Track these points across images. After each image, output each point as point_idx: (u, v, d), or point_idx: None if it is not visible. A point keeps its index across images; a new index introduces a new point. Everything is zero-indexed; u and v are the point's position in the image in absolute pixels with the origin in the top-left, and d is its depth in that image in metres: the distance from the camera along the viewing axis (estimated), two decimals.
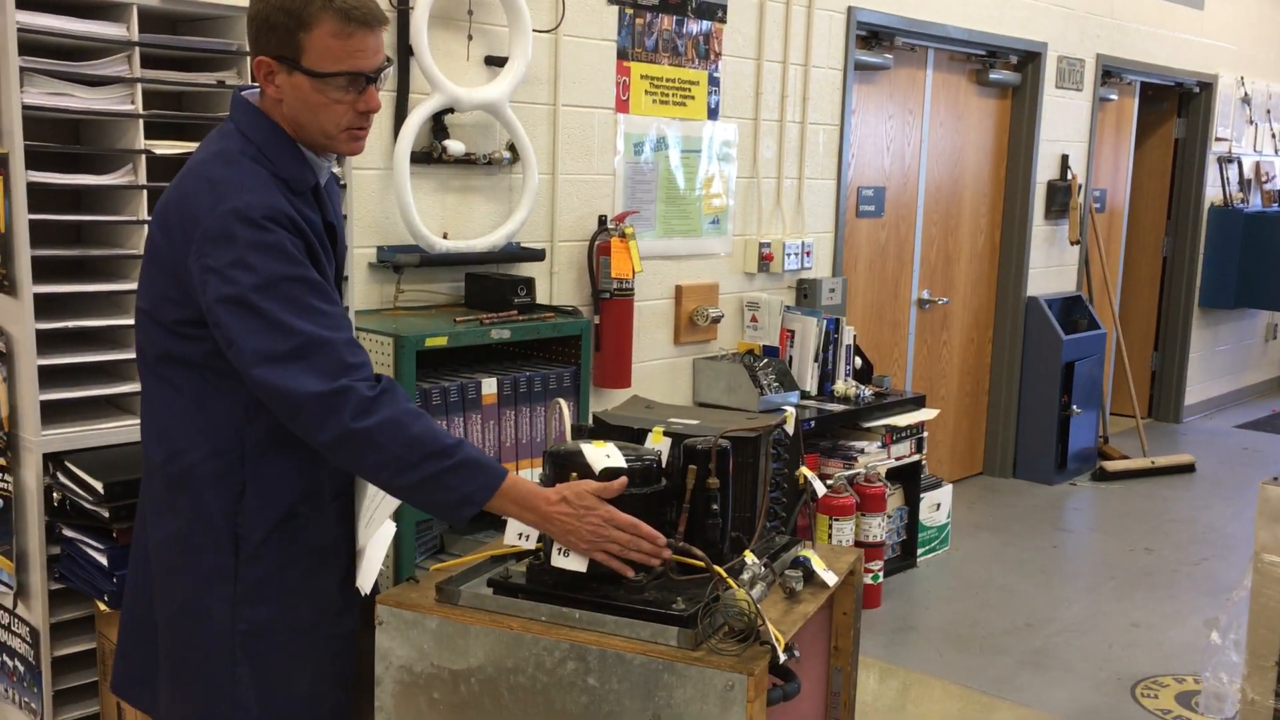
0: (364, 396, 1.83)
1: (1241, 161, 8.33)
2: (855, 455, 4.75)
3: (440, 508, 1.91)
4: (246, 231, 1.83)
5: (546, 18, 4.01)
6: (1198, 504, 6.23)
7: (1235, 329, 8.70)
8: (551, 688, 1.92)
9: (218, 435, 1.97)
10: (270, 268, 1.83)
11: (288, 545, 2.01)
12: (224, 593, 2.00)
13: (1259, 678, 2.72)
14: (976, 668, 4.12)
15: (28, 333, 2.62)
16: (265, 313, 1.82)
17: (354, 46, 1.90)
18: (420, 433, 1.86)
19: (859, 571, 2.41)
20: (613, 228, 4.17)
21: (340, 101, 1.93)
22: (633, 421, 2.26)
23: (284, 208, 1.89)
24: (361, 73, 1.92)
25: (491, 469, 1.91)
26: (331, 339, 1.85)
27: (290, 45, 1.89)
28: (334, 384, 1.82)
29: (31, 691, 2.79)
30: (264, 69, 1.93)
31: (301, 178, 1.97)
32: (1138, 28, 7.10)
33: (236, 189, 1.87)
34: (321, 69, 1.90)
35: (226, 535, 1.99)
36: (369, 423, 1.82)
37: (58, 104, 2.62)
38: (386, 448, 1.84)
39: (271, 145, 1.95)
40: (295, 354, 1.82)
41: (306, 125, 1.96)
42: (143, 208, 2.76)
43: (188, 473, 1.99)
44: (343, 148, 2.01)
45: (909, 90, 5.80)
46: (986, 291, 6.52)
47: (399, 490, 1.91)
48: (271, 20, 1.90)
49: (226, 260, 1.83)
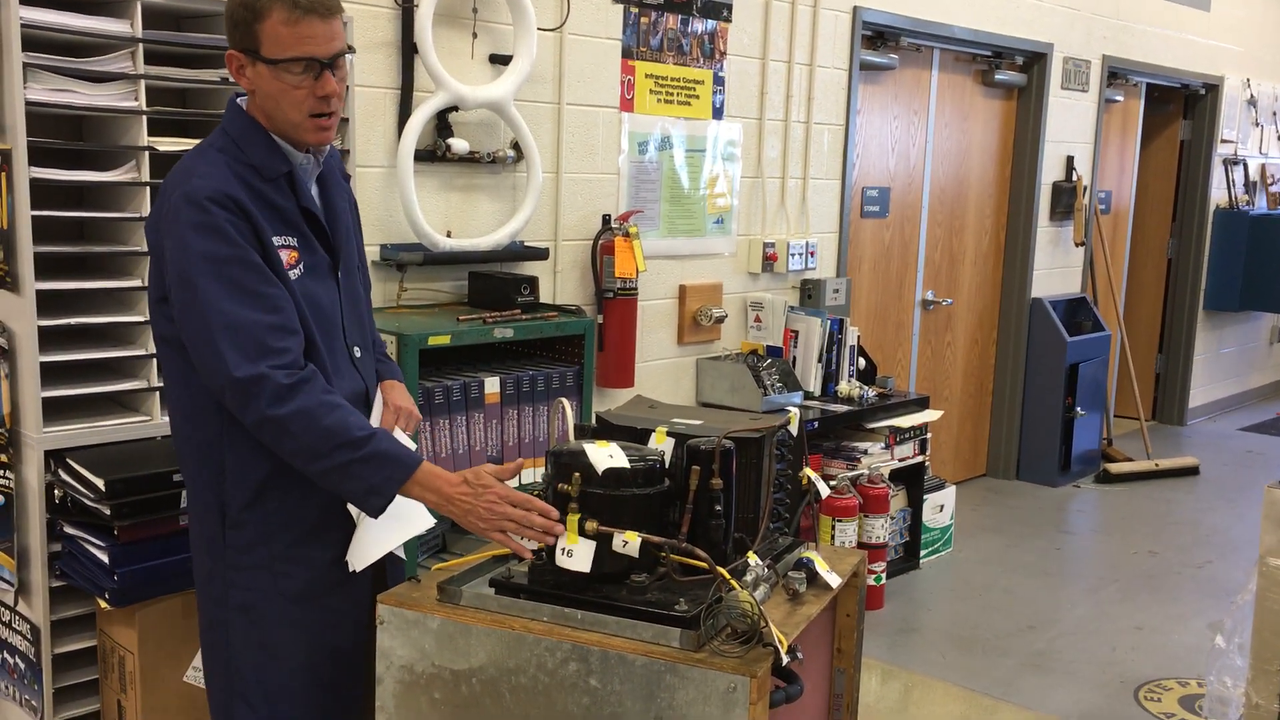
0: (279, 384, 1.93)
1: (1247, 164, 8.31)
2: (858, 456, 4.74)
3: (350, 496, 2.02)
4: (189, 213, 1.96)
5: (551, 16, 4.00)
6: (1202, 507, 6.22)
7: (1240, 331, 8.69)
8: (553, 688, 1.92)
9: (199, 412, 2.09)
10: (205, 246, 1.95)
11: (270, 516, 2.11)
12: (218, 559, 2.12)
13: (1263, 682, 2.71)
14: (979, 670, 4.11)
15: (30, 329, 2.61)
16: (199, 291, 1.95)
17: (304, 33, 1.99)
18: (333, 424, 1.95)
19: (862, 573, 2.40)
20: (616, 227, 4.16)
21: (298, 87, 2.02)
22: (636, 421, 2.25)
23: (230, 190, 1.99)
24: (314, 58, 2.01)
25: (402, 460, 1.99)
26: (255, 321, 1.95)
27: (250, 37, 2.01)
28: (252, 370, 1.92)
29: (32, 689, 2.78)
30: (235, 63, 2.05)
31: (271, 165, 2.07)
32: (1143, 29, 7.08)
33: (190, 174, 2.00)
34: (275, 55, 2.00)
35: (214, 505, 2.11)
36: (283, 411, 1.93)
37: (61, 100, 2.62)
38: (299, 437, 1.95)
39: (245, 136, 2.07)
40: (220, 334, 1.93)
41: (273, 114, 2.05)
42: (145, 204, 2.76)
43: (182, 445, 2.14)
44: (309, 136, 2.08)
45: (914, 91, 5.79)
46: (991, 293, 6.51)
47: (313, 476, 2.00)
48: (235, 16, 2.02)
49: (173, 241, 1.97)
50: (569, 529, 1.98)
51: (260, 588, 2.11)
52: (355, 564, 2.13)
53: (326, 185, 2.20)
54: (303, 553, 2.12)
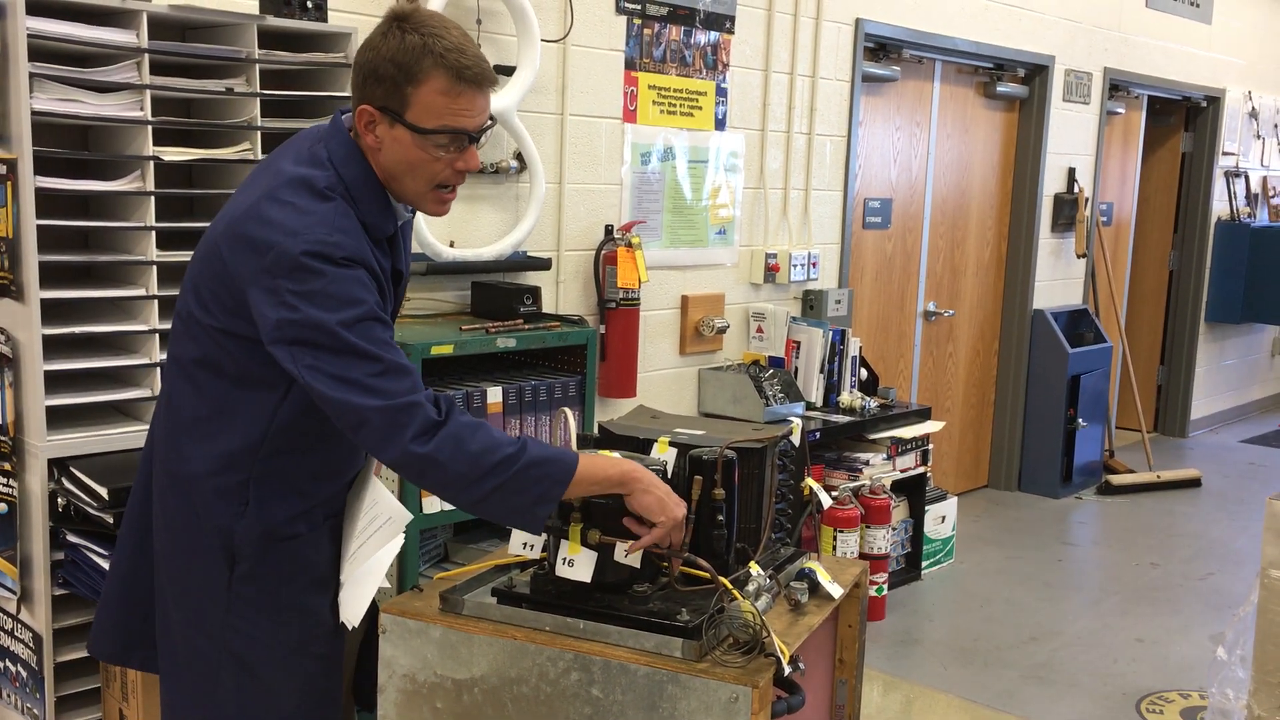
0: (429, 418, 1.83)
1: (1249, 176, 8.32)
2: (860, 467, 4.74)
3: (516, 514, 1.90)
4: (333, 269, 1.82)
5: (555, 27, 4.02)
6: (1204, 519, 6.21)
7: (1242, 343, 8.69)
8: (555, 698, 1.92)
9: (232, 453, 1.97)
10: (355, 299, 1.82)
11: (283, 563, 2.01)
12: (217, 602, 2.00)
13: (1265, 694, 2.70)
14: (981, 681, 4.10)
15: (34, 338, 2.62)
16: (348, 344, 1.81)
17: (461, 105, 1.88)
18: (483, 444, 1.85)
19: (864, 584, 2.40)
20: (619, 237, 4.17)
21: (438, 159, 1.91)
22: (638, 431, 2.26)
23: (367, 255, 1.88)
24: (465, 131, 1.90)
25: (561, 458, 1.90)
26: (410, 367, 1.87)
27: (396, 98, 1.87)
28: (406, 398, 1.82)
29: (34, 697, 2.78)
30: (365, 118, 1.90)
31: (382, 227, 1.96)
32: (1145, 41, 7.10)
33: (328, 225, 1.85)
34: (425, 125, 1.87)
35: (222, 549, 1.98)
36: (430, 444, 1.81)
37: (67, 110, 2.63)
38: (449, 465, 1.83)
39: (360, 188, 1.92)
40: (376, 375, 1.81)
41: (400, 178, 1.93)
42: (150, 214, 2.77)
43: (191, 480, 1.99)
44: (429, 208, 1.99)
45: (916, 102, 5.80)
46: (992, 304, 6.52)
47: (469, 504, 1.89)
48: (380, 71, 1.87)
49: (310, 290, 1.80)
50: (571, 538, 1.98)
51: (261, 636, 2.01)
52: (351, 620, 2.05)
53: (404, 238, 2.12)
54: (306, 603, 2.05)
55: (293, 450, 1.99)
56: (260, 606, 2.00)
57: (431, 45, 1.85)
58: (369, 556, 2.06)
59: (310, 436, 2.00)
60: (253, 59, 2.89)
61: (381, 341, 1.85)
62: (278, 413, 1.96)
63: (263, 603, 2.00)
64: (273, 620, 2.01)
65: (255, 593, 2.00)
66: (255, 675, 2.01)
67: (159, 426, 2.08)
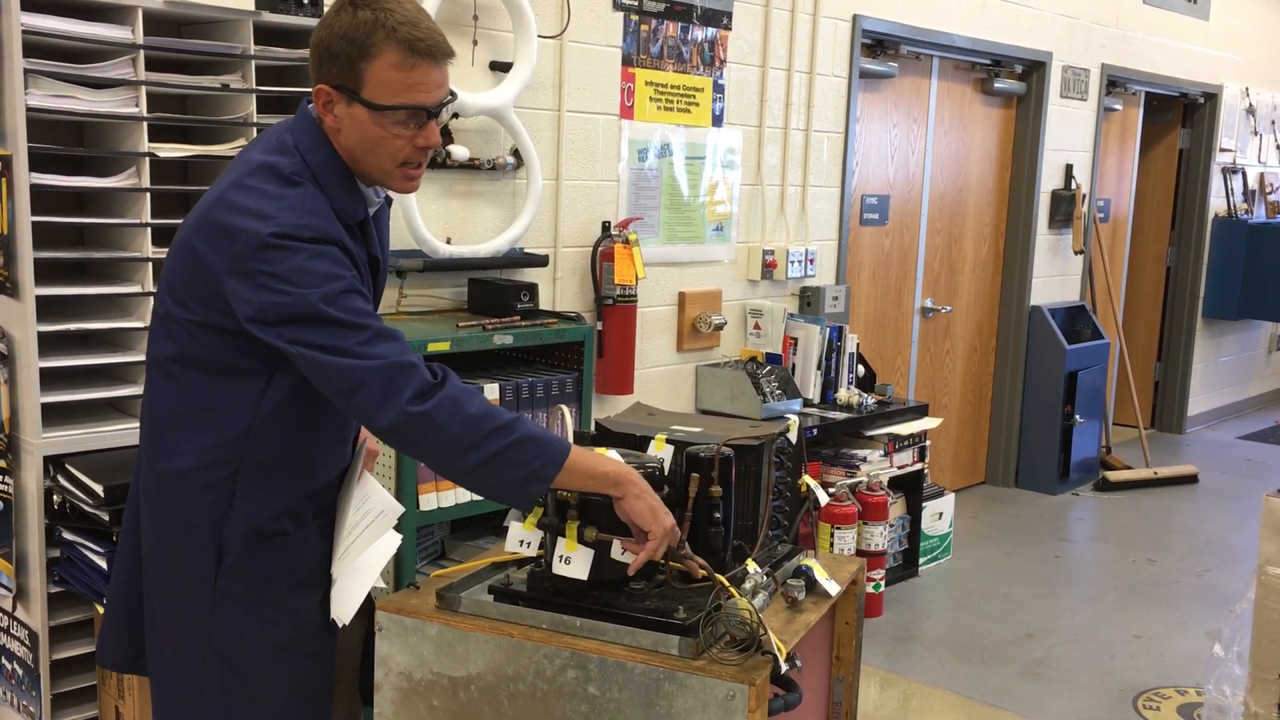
0: (426, 380, 1.82)
1: (1246, 172, 8.32)
2: (857, 464, 4.74)
3: (507, 488, 1.87)
4: (306, 245, 1.81)
5: (552, 23, 4.01)
6: (1200, 515, 6.21)
7: (1239, 340, 8.69)
8: (551, 696, 1.92)
9: (218, 447, 1.95)
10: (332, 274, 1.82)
11: (270, 561, 1.99)
12: (202, 600, 1.98)
13: (1261, 690, 2.71)
14: (978, 678, 4.11)
15: (29, 335, 2.61)
16: (332, 316, 1.80)
17: (416, 79, 1.86)
18: (479, 410, 1.82)
19: (861, 581, 2.40)
20: (616, 234, 4.16)
21: (398, 136, 1.89)
22: (635, 428, 2.25)
23: (340, 236, 1.87)
24: (422, 107, 1.88)
25: (556, 442, 1.88)
26: (398, 333, 1.85)
27: (351, 75, 1.86)
28: (402, 358, 1.81)
29: (30, 695, 2.78)
30: (323, 97, 1.89)
31: (351, 211, 1.94)
32: (1143, 38, 7.09)
33: (298, 209, 1.83)
34: (382, 101, 1.86)
35: (210, 545, 1.97)
36: (427, 404, 1.80)
37: (62, 106, 2.62)
38: (446, 428, 1.80)
39: (327, 173, 1.91)
40: (366, 342, 1.80)
41: (362, 158, 1.92)
42: (146, 210, 2.76)
43: (178, 476, 1.97)
44: (396, 185, 1.97)
45: (914, 98, 5.80)
46: (990, 300, 6.52)
47: (460, 474, 1.87)
48: (333, 48, 1.86)
49: (285, 270, 1.79)
50: (568, 536, 1.97)
51: (247, 635, 1.99)
52: (342, 617, 2.03)
53: (378, 226, 2.08)
54: (293, 601, 2.02)
55: (279, 442, 1.97)
56: (246, 604, 1.98)
57: (383, 19, 1.84)
58: (361, 552, 2.05)
59: (296, 427, 1.99)
60: (248, 55, 2.89)
61: (365, 312, 1.84)
62: (261, 403, 1.94)
63: (249, 600, 1.98)
64: (259, 618, 1.99)
65: (241, 590, 1.97)
66: (242, 674, 1.99)
67: (142, 428, 2.06)
